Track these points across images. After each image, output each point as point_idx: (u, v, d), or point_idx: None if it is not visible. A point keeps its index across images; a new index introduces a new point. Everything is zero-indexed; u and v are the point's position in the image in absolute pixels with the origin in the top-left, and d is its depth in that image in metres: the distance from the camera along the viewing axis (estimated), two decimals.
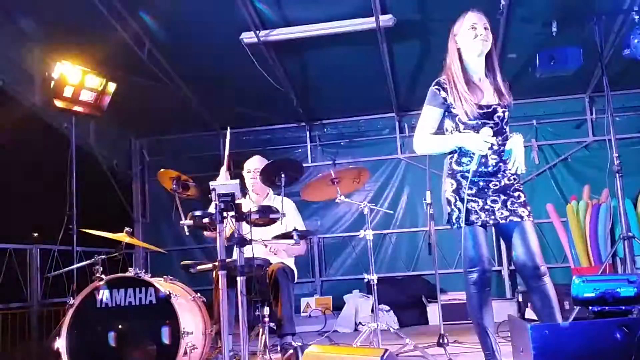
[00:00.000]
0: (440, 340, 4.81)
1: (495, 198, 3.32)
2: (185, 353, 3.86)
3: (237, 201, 3.77)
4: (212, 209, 3.86)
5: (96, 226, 4.63)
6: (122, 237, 4.54)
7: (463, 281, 3.37)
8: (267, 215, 3.99)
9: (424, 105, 3.46)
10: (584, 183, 7.37)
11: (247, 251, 3.91)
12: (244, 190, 4.92)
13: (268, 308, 4.30)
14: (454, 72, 3.38)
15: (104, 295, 3.98)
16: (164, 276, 4.36)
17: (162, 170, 4.29)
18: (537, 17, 5.94)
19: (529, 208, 3.36)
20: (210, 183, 3.85)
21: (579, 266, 6.97)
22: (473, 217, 3.29)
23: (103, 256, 4.33)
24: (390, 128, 8.66)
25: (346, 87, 7.59)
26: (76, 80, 5.65)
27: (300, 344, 4.44)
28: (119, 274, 4.13)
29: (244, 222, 3.90)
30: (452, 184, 3.38)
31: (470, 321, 3.55)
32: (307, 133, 8.78)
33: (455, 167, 3.39)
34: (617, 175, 5.31)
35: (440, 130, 3.47)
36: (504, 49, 6.62)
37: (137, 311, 3.96)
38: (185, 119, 8.07)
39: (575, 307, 2.93)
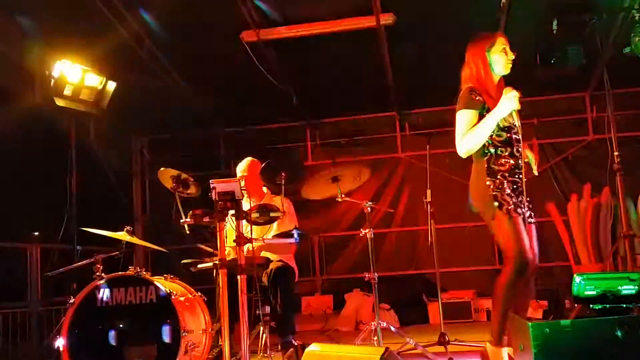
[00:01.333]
0: (441, 339, 4.82)
1: (522, 197, 3.61)
2: (186, 352, 3.86)
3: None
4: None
5: (96, 225, 4.62)
6: (123, 235, 4.53)
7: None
8: (267, 214, 3.99)
9: (462, 110, 3.64)
10: (584, 181, 7.37)
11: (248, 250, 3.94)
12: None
13: (268, 307, 4.30)
14: (486, 81, 3.65)
15: (104, 294, 3.98)
16: (165, 275, 4.36)
17: (162, 168, 4.28)
18: (538, 15, 5.93)
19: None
20: (211, 181, 3.85)
21: (580, 264, 6.97)
22: (519, 210, 3.53)
23: (103, 255, 4.32)
24: (391, 126, 8.65)
25: (346, 86, 7.59)
26: (76, 78, 5.64)
27: (300, 342, 4.43)
28: (120, 273, 4.11)
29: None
30: (495, 181, 3.57)
31: (472, 320, 3.62)
32: (307, 131, 8.78)
33: (493, 167, 3.60)
34: (618, 173, 5.31)
35: None
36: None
37: (138, 310, 3.95)
38: (185, 117, 8.06)
39: (576, 305, 2.92)
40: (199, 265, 4.36)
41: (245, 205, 4.86)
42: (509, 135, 3.59)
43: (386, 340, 4.74)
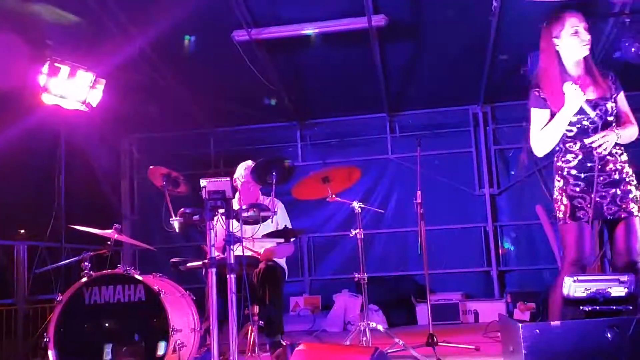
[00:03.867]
0: (429, 340, 4.82)
1: (604, 193, 3.37)
2: (174, 350, 3.83)
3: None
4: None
5: (85, 223, 4.59)
6: (111, 233, 4.51)
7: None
8: (257, 213, 3.97)
9: (530, 110, 3.53)
10: None
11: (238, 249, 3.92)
12: (234, 189, 4.89)
13: (257, 306, 4.29)
14: (552, 74, 3.45)
15: (92, 292, 3.95)
16: (153, 273, 4.33)
17: (152, 167, 4.25)
18: (528, 18, 5.95)
19: (638, 203, 3.39)
20: (201, 180, 3.83)
21: None
22: (580, 214, 3.36)
23: (91, 253, 4.29)
24: (381, 128, 8.67)
25: (337, 86, 7.59)
26: (65, 76, 5.60)
27: (289, 342, 4.42)
28: (108, 271, 4.08)
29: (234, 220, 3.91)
30: (559, 181, 3.49)
31: (460, 321, 3.56)
32: (298, 132, 8.78)
33: (562, 164, 3.49)
34: None
35: None
36: (495, 51, 6.65)
37: (126, 308, 3.93)
38: (176, 116, 8.03)
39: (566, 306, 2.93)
40: (188, 264, 4.33)
41: (236, 205, 4.87)
42: (579, 127, 3.41)
43: (375, 341, 4.73)
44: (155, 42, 6.32)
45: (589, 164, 3.39)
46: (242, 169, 5.03)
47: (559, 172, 3.49)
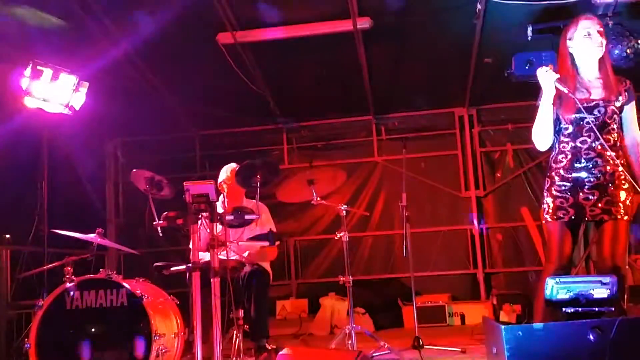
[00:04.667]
0: (415, 343, 4.82)
1: (589, 195, 3.37)
2: (157, 356, 3.80)
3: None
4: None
5: (69, 227, 4.54)
6: (93, 237, 4.47)
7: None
8: (241, 217, 3.95)
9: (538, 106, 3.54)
10: None
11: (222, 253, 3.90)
12: (218, 193, 4.87)
13: (242, 310, 4.26)
14: (566, 75, 3.47)
15: (74, 296, 3.91)
16: (136, 278, 4.30)
17: (135, 170, 4.22)
18: (513, 22, 5.98)
19: (627, 208, 3.37)
20: (185, 183, 3.81)
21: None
22: (560, 213, 3.39)
23: (74, 257, 4.24)
24: (367, 130, 8.67)
25: (323, 89, 7.59)
26: (48, 79, 5.54)
27: (274, 346, 4.40)
28: (90, 275, 4.05)
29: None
30: (547, 182, 3.52)
31: (446, 324, 3.56)
32: (284, 135, 8.76)
33: (553, 164, 3.52)
34: None
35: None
36: (479, 54, 6.66)
37: (108, 313, 3.89)
38: (160, 120, 7.99)
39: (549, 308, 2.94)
40: (172, 268, 4.30)
41: (220, 208, 4.85)
42: (578, 125, 3.41)
43: (361, 344, 4.73)
44: (139, 45, 6.27)
45: (576, 165, 3.40)
46: (226, 172, 5.00)
47: (549, 173, 3.53)
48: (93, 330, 3.86)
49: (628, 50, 5.39)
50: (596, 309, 2.82)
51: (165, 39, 6.22)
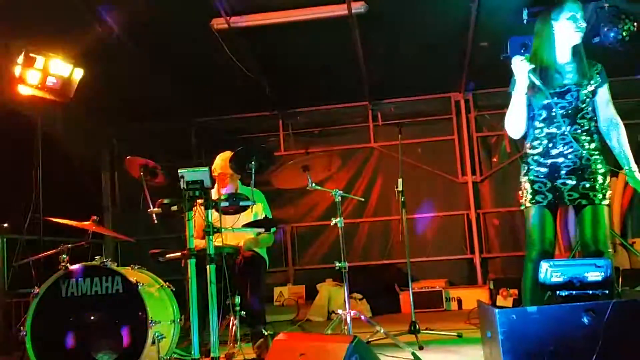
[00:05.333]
0: (412, 328, 4.83)
1: (567, 180, 3.37)
2: (154, 342, 3.80)
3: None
4: None
5: (64, 215, 4.53)
6: (88, 225, 4.46)
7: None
8: (236, 203, 3.95)
9: (512, 95, 3.51)
10: None
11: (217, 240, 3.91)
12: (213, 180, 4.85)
13: (239, 297, 4.26)
14: (542, 56, 3.45)
15: (69, 284, 3.90)
16: (132, 265, 4.29)
17: (129, 157, 4.20)
18: (508, 5, 5.94)
19: (605, 192, 3.36)
20: (179, 170, 3.79)
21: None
22: (538, 197, 3.39)
23: (69, 245, 4.24)
24: (363, 116, 8.65)
25: (319, 75, 7.55)
26: (41, 66, 5.51)
27: (271, 332, 4.41)
28: (85, 263, 4.04)
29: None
30: (524, 167, 3.51)
31: (443, 309, 3.56)
32: (280, 121, 8.74)
33: (528, 150, 3.51)
34: None
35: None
36: (475, 38, 6.63)
37: (104, 300, 3.88)
38: (156, 107, 7.95)
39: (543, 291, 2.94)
40: (168, 255, 4.30)
41: (215, 195, 4.84)
42: (551, 112, 3.40)
43: (357, 330, 4.72)
44: (133, 31, 6.23)
45: (552, 151, 3.40)
46: (221, 159, 4.99)
47: (525, 159, 3.52)
48: (88, 317, 3.85)
49: (624, 33, 5.37)
50: (590, 292, 2.83)
51: (160, 26, 6.19)
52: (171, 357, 4.09)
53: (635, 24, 5.41)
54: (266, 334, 4.39)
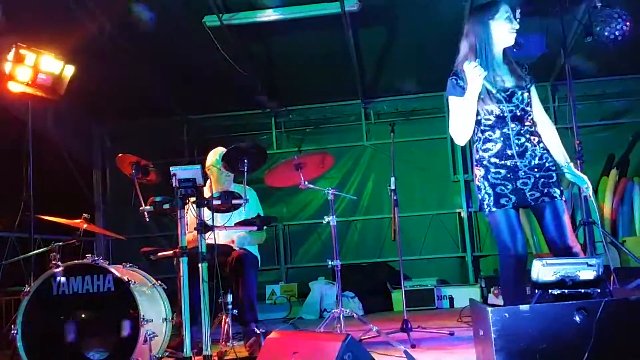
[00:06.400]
0: (404, 326, 4.83)
1: (526, 180, 3.33)
2: (145, 341, 3.78)
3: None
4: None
5: (55, 213, 4.50)
6: (79, 223, 4.43)
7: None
8: (229, 201, 3.94)
9: (449, 99, 3.44)
10: None
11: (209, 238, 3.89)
12: (206, 177, 4.83)
13: (231, 295, 4.25)
14: (486, 59, 3.36)
15: (60, 282, 3.87)
16: (123, 263, 4.27)
17: (120, 154, 4.17)
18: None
19: (562, 188, 3.37)
20: (171, 168, 3.78)
21: (541, 252, 7.07)
22: (503, 201, 3.33)
23: (60, 243, 4.21)
24: (356, 115, 8.65)
25: (312, 73, 7.54)
26: (32, 62, 5.47)
27: (263, 330, 4.40)
28: (76, 261, 4.01)
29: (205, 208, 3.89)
30: (480, 170, 3.42)
31: (435, 307, 3.54)
32: (273, 119, 8.72)
33: (481, 153, 3.43)
34: (579, 162, 5.37)
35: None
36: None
37: (95, 299, 3.85)
38: (148, 104, 7.91)
39: (535, 290, 2.93)
40: (159, 254, 4.27)
41: (207, 193, 4.83)
42: (497, 115, 3.34)
43: (350, 328, 4.72)
44: (125, 28, 6.20)
45: (508, 152, 3.34)
46: (214, 156, 4.97)
47: (480, 162, 3.43)
48: (80, 316, 3.83)
49: (617, 32, 5.38)
50: (582, 291, 2.83)
51: (152, 23, 6.16)
52: (163, 356, 4.07)
53: (627, 23, 5.43)
54: (258, 332, 4.38)
